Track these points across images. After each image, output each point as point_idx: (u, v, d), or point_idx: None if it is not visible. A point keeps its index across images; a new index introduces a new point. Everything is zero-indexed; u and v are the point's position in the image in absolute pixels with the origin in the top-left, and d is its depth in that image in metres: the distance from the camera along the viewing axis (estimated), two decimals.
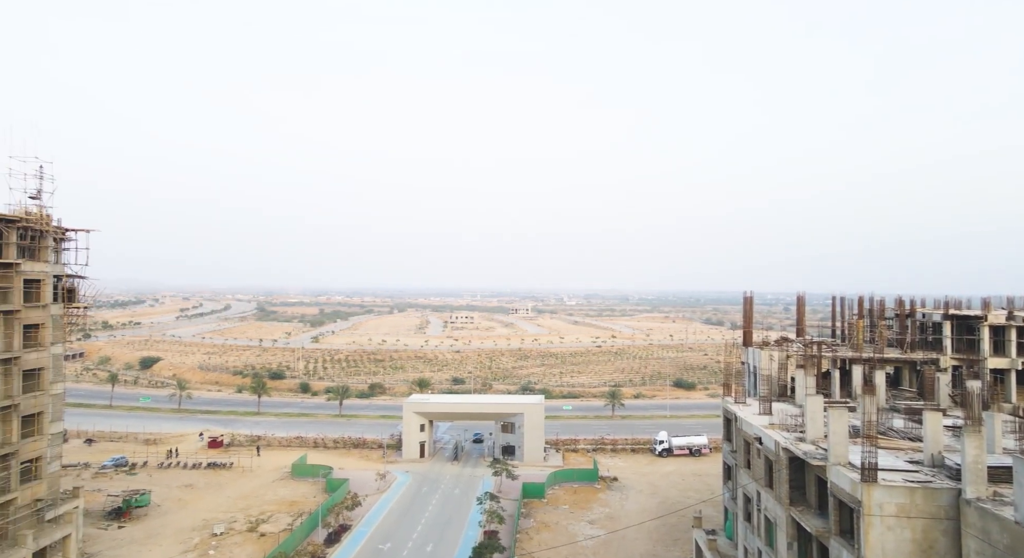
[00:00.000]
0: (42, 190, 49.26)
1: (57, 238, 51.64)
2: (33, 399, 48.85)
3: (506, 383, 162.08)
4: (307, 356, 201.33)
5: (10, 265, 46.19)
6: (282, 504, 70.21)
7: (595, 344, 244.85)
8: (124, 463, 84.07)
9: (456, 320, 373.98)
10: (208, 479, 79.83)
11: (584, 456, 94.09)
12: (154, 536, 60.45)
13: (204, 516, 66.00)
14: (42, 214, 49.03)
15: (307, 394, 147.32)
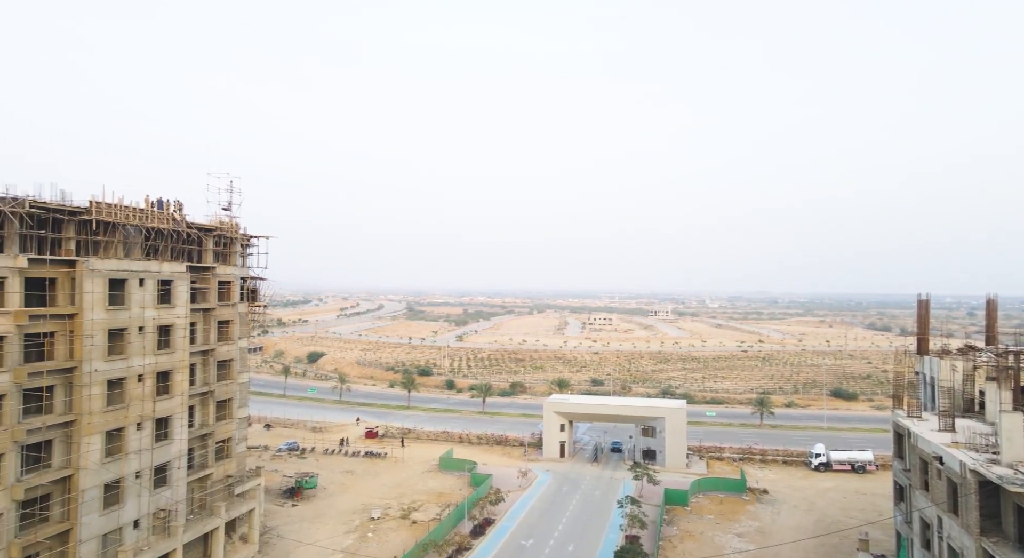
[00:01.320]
0: (232, 202, 56.16)
1: (243, 244, 58.54)
2: (225, 387, 55.75)
3: (645, 386, 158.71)
4: (452, 354, 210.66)
5: (208, 268, 53.11)
6: (431, 495, 74.11)
7: (740, 348, 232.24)
8: (296, 448, 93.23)
9: (594, 321, 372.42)
10: (366, 467, 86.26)
11: (729, 465, 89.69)
12: (321, 516, 66.45)
13: (363, 501, 71.43)
14: (232, 223, 55.88)
15: (452, 391, 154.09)
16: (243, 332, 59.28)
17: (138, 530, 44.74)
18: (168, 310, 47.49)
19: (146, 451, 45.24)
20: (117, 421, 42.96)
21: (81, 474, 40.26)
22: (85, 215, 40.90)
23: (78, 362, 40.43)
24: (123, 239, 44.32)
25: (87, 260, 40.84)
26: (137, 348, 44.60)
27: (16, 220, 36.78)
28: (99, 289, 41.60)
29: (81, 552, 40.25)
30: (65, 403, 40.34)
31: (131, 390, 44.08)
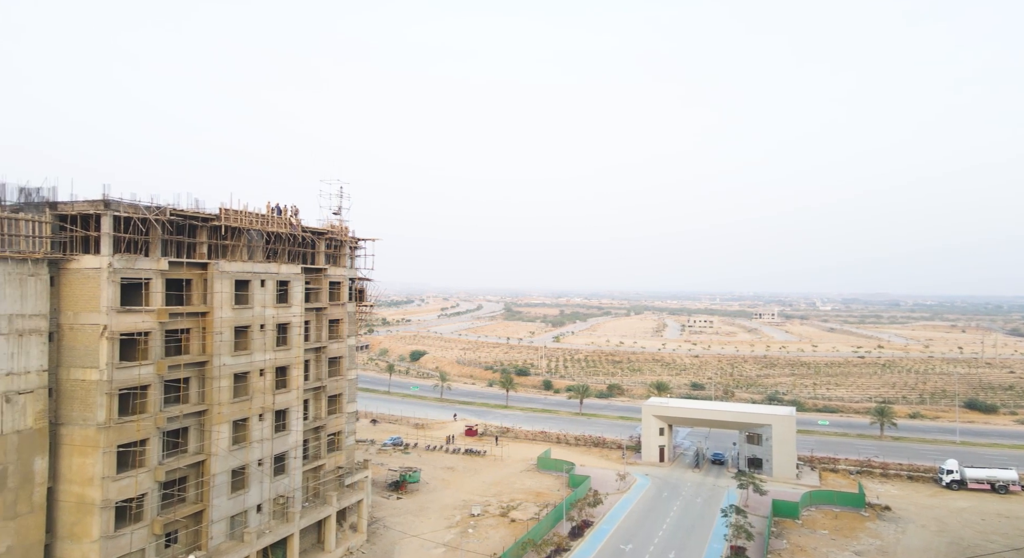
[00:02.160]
0: (342, 207, 59.26)
1: (352, 246, 61.57)
2: (335, 382, 58.85)
3: (750, 391, 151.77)
4: (549, 355, 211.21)
5: (320, 270, 56.31)
6: (529, 494, 74.61)
7: (856, 354, 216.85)
8: (400, 443, 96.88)
9: (694, 324, 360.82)
10: (466, 464, 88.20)
11: (845, 478, 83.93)
12: (424, 509, 68.65)
13: (463, 497, 73.08)
14: (342, 227, 58.95)
15: (549, 391, 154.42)
16: (352, 330, 62.32)
17: (260, 514, 48.15)
18: (285, 309, 50.78)
19: (267, 441, 48.60)
20: (242, 412, 46.45)
21: (212, 460, 43.87)
22: (216, 221, 44.57)
23: (209, 356, 44.09)
24: (247, 243, 47.87)
25: (217, 262, 44.47)
26: (259, 344, 48.01)
27: (159, 227, 40.69)
28: (227, 289, 45.18)
29: (212, 531, 43.86)
30: (199, 394, 44.10)
31: (254, 383, 47.52)
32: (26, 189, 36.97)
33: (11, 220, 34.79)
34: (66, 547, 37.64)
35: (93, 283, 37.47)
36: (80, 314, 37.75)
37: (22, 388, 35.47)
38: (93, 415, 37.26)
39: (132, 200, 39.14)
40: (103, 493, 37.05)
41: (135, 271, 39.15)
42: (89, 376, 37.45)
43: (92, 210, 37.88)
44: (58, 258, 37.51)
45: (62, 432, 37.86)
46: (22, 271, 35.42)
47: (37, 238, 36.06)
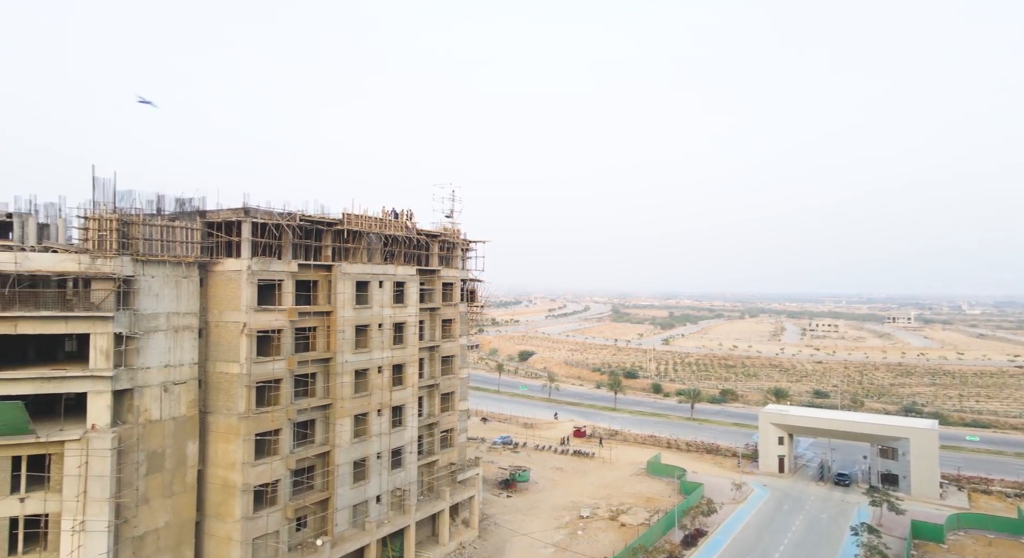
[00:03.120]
0: (454, 210, 61.00)
1: (463, 248, 63.19)
2: (448, 380, 60.62)
3: (882, 401, 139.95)
4: (658, 357, 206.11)
5: (433, 271, 58.26)
6: (639, 498, 73.11)
7: (1013, 363, 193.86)
8: (509, 442, 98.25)
9: (816, 328, 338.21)
10: (574, 465, 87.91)
11: (1001, 501, 75.24)
12: (533, 509, 69.15)
13: (572, 498, 72.87)
14: (454, 229, 60.68)
15: (659, 394, 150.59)
16: (463, 330, 63.94)
17: (380, 505, 50.54)
18: (401, 309, 52.99)
19: (385, 435, 50.93)
20: (362, 407, 48.98)
21: (336, 451, 46.61)
22: (339, 225, 47.36)
23: (333, 353, 46.89)
24: (367, 246, 50.45)
25: (340, 264, 47.24)
26: (377, 342, 50.43)
27: (290, 231, 43.85)
28: (348, 290, 47.86)
29: (337, 519, 46.60)
30: (324, 389, 47.01)
31: (373, 380, 49.97)
32: (181, 199, 41.13)
33: (169, 227, 38.81)
34: (213, 525, 41.41)
35: (235, 284, 41.00)
36: (224, 312, 41.45)
37: (177, 379, 39.45)
38: (235, 405, 40.75)
39: (267, 207, 42.44)
40: (243, 477, 40.41)
41: (270, 273, 42.41)
42: (231, 369, 41.00)
43: (234, 217, 41.47)
44: (206, 261, 41.40)
45: (209, 420, 41.71)
46: (177, 274, 39.43)
47: (189, 243, 39.98)
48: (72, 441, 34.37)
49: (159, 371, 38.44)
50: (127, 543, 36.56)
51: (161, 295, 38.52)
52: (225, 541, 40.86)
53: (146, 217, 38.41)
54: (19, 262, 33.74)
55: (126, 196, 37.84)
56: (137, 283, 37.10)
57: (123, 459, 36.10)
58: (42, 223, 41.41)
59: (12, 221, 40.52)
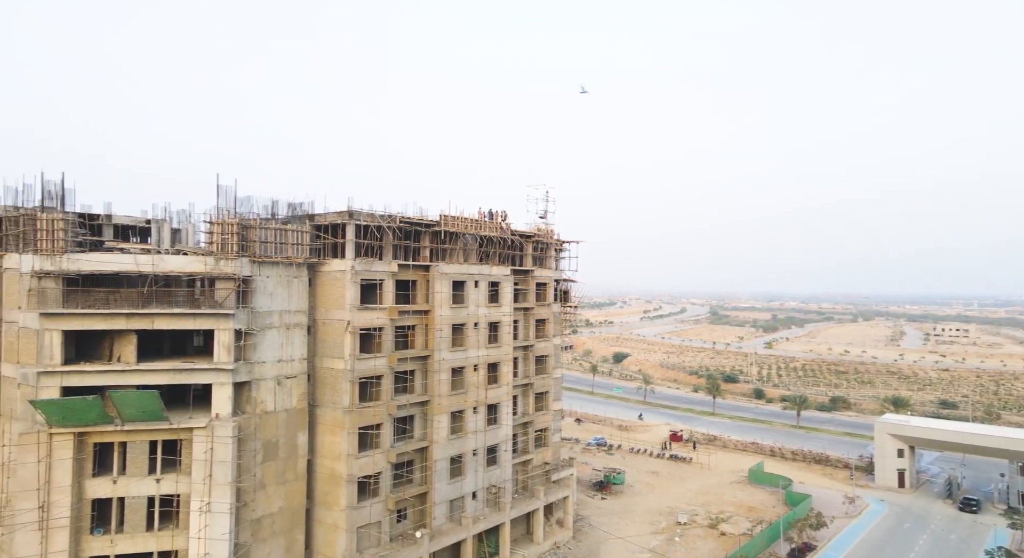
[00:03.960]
0: (548, 211, 61.16)
1: (557, 249, 63.22)
2: (542, 380, 60.81)
3: (1022, 414, 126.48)
4: (760, 361, 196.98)
5: (527, 271, 58.66)
6: (740, 507, 70.12)
7: None
8: (603, 443, 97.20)
9: (942, 332, 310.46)
10: (670, 469, 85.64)
11: None
12: (629, 512, 67.99)
13: (669, 503, 71.01)
14: (548, 230, 60.84)
15: (761, 400, 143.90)
16: (557, 330, 63.93)
17: (475, 501, 51.48)
18: (496, 308, 53.72)
19: (480, 432, 51.83)
20: (459, 404, 50.10)
21: (434, 447, 47.95)
22: (436, 227, 48.74)
23: (431, 351, 48.28)
24: (462, 246, 51.58)
25: (437, 265, 48.58)
26: (473, 341, 51.40)
27: (391, 233, 45.64)
28: (445, 289, 49.12)
29: (435, 513, 47.93)
30: (422, 386, 48.51)
31: (469, 378, 50.98)
32: (292, 204, 43.85)
33: (281, 230, 41.49)
34: (321, 512, 43.78)
35: (340, 284, 43.17)
36: (330, 311, 43.74)
37: (289, 373, 42.05)
38: (340, 399, 42.88)
39: (370, 210, 44.38)
40: (348, 468, 42.44)
41: (371, 273, 44.31)
42: (337, 365, 43.18)
43: (339, 220, 43.69)
44: (314, 262, 43.88)
45: (317, 413, 44.15)
46: (289, 274, 42.05)
47: (299, 246, 42.54)
48: (199, 428, 37.42)
49: (273, 365, 41.11)
50: (246, 525, 39.34)
51: (275, 294, 41.20)
52: (332, 528, 43.07)
53: (262, 221, 41.25)
54: (156, 263, 37.22)
55: (245, 202, 40.86)
56: (254, 283, 39.90)
57: (242, 447, 38.89)
58: (175, 228, 45.45)
59: (151, 227, 44.76)
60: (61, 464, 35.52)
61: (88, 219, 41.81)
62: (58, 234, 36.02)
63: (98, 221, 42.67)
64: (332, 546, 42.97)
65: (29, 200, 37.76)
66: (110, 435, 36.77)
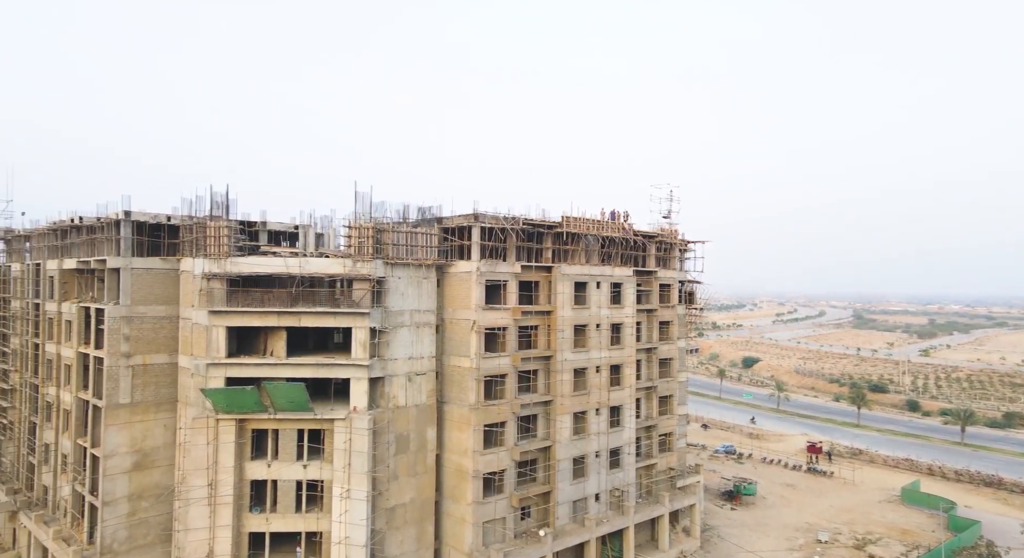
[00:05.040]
0: (671, 210, 59.53)
1: (681, 249, 61.33)
2: (666, 383, 59.19)
3: None
4: (914, 370, 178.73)
5: (650, 272, 57.39)
6: (892, 529, 64.04)
7: None
8: (732, 451, 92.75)
9: None
10: (808, 483, 80.00)
11: None
12: (762, 525, 64.36)
13: (807, 519, 66.37)
14: (672, 230, 59.20)
15: (915, 413, 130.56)
16: (681, 333, 61.98)
17: (598, 503, 51.10)
18: (618, 310, 53.05)
19: (603, 434, 51.38)
20: (581, 405, 50.01)
21: (557, 446, 48.21)
22: (558, 228, 49.04)
23: (553, 352, 48.60)
24: (584, 247, 51.48)
25: (559, 266, 48.85)
26: (595, 342, 51.10)
27: (514, 235, 46.56)
28: (567, 290, 49.26)
29: (558, 512, 48.17)
30: (545, 385, 48.94)
31: (591, 379, 50.74)
32: (421, 208, 46.07)
33: (412, 233, 43.71)
34: (449, 505, 45.51)
35: (466, 285, 44.67)
36: (456, 310, 45.37)
37: (418, 370, 44.15)
38: (466, 397, 44.33)
39: (494, 212, 45.55)
40: (474, 464, 43.75)
41: (496, 274, 45.41)
42: (463, 363, 44.69)
43: (465, 223, 45.24)
44: (442, 263, 45.76)
45: (444, 409, 45.94)
46: (419, 275, 44.19)
47: (428, 248, 44.57)
48: (339, 420, 40.27)
49: (404, 362, 43.34)
50: (381, 513, 41.77)
51: (406, 294, 43.44)
52: (460, 521, 44.61)
53: (394, 224, 43.68)
54: (302, 266, 40.60)
55: (379, 206, 43.46)
56: (387, 283, 42.33)
57: (377, 439, 41.34)
58: (318, 233, 49.28)
59: (298, 232, 48.90)
60: (225, 447, 39.67)
61: (247, 226, 46.37)
62: (223, 240, 40.33)
63: (255, 228, 47.20)
64: (459, 539, 44.50)
65: (200, 210, 42.58)
66: (265, 422, 40.53)
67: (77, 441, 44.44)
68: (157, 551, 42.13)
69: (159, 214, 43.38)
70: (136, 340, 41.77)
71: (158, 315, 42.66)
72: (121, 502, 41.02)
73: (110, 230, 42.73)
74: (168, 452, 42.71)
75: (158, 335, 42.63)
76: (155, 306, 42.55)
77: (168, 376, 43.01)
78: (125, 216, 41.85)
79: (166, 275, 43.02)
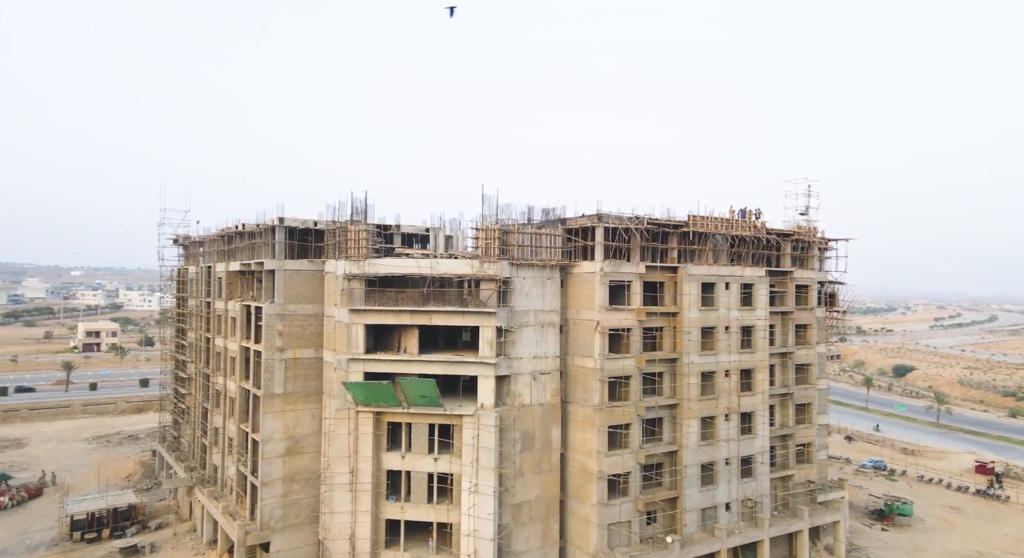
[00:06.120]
0: (809, 207, 55.82)
1: (821, 248, 57.30)
2: (803, 390, 55.53)
3: None
4: None
5: (785, 273, 54.15)
6: None
7: None
8: (882, 467, 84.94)
9: None
10: (977, 507, 71.41)
11: None
12: (919, 550, 58.40)
13: (976, 547, 59.32)
14: (809, 227, 55.51)
15: None
16: (821, 337, 57.92)
17: (729, 513, 48.97)
18: (749, 312, 50.57)
19: (733, 441, 49.18)
20: (709, 410, 48.22)
21: (683, 451, 46.83)
22: (684, 228, 47.70)
23: (679, 354, 47.29)
24: (712, 247, 49.64)
25: (685, 266, 47.49)
26: (724, 345, 49.08)
27: (638, 235, 45.92)
28: (694, 291, 47.73)
29: (686, 519, 46.75)
30: (670, 388, 47.74)
31: (719, 383, 48.79)
32: (545, 209, 46.75)
33: (536, 234, 44.47)
34: (574, 505, 45.68)
35: (589, 285, 44.69)
36: (580, 311, 45.50)
37: (543, 369, 44.76)
38: (590, 397, 44.30)
39: (617, 213, 45.21)
40: (599, 465, 43.60)
41: (619, 275, 45.02)
42: (587, 364, 44.72)
43: (589, 224, 45.29)
44: (565, 264, 46.11)
45: (568, 409, 46.20)
46: (543, 275, 44.84)
47: (552, 248, 45.11)
48: (468, 416, 41.80)
49: (529, 361, 44.13)
50: (508, 509, 42.80)
51: (530, 294, 44.23)
52: (584, 522, 44.63)
53: (519, 226, 44.65)
54: (432, 267, 42.67)
55: (505, 209, 44.67)
56: (512, 284, 43.35)
57: (503, 436, 42.43)
58: (447, 235, 51.48)
59: (429, 234, 51.39)
60: (364, 437, 42.56)
61: (382, 229, 49.45)
62: (362, 243, 43.34)
63: (389, 231, 50.22)
64: (584, 539, 44.51)
65: (342, 215, 46.03)
66: (399, 416, 43.00)
67: (240, 426, 49.58)
68: (307, 531, 45.96)
69: (307, 220, 47.43)
70: (287, 335, 45.92)
71: (306, 313, 46.61)
72: (276, 484, 45.23)
73: (267, 235, 47.32)
74: (315, 440, 46.50)
75: (306, 331, 46.56)
76: (303, 305, 46.53)
77: (314, 369, 46.84)
78: (279, 222, 46.17)
79: (312, 276, 46.90)
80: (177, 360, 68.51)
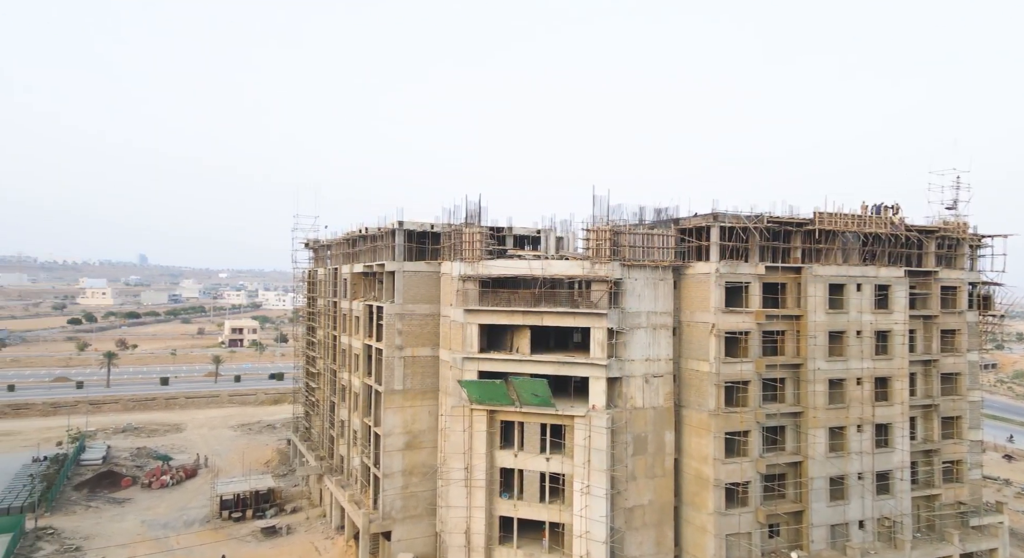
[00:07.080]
0: (958, 200, 50.66)
1: (972, 245, 51.83)
2: (951, 402, 50.42)
3: None
4: None
5: (928, 273, 49.46)
6: None
7: None
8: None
9: None
10: None
11: None
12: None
13: None
14: (958, 223, 50.37)
15: None
16: (972, 344, 52.31)
17: (863, 531, 45.40)
18: (885, 315, 46.67)
19: (866, 454, 45.56)
20: (838, 419, 44.97)
21: (809, 463, 44.01)
22: (809, 226, 44.90)
23: (803, 359, 44.52)
24: (841, 246, 46.33)
25: (810, 267, 44.65)
26: (855, 351, 45.62)
27: (757, 234, 43.81)
28: (820, 293, 44.76)
29: (812, 535, 43.89)
30: (793, 395, 45.06)
31: (850, 391, 45.38)
32: (658, 209, 45.82)
33: (648, 235, 43.67)
34: (689, 512, 44.31)
35: (704, 286, 43.21)
36: (694, 313, 44.09)
37: (655, 372, 43.83)
38: (705, 402, 42.80)
39: (735, 212, 43.40)
40: (715, 473, 42.01)
41: (736, 276, 43.16)
42: (701, 367, 43.25)
43: (703, 223, 43.82)
44: (679, 265, 44.89)
45: (682, 413, 44.89)
46: (655, 276, 43.93)
47: (665, 249, 44.09)
48: (579, 416, 41.78)
49: (641, 364, 43.37)
50: (620, 512, 42.29)
51: (642, 296, 43.48)
52: (700, 530, 43.16)
53: (631, 227, 44.05)
54: (544, 268, 43.09)
55: (616, 209, 44.25)
56: (624, 285, 42.83)
57: (615, 438, 41.98)
58: (558, 236, 51.76)
59: (540, 236, 51.96)
60: (479, 434, 43.72)
61: (495, 231, 50.61)
62: (476, 245, 44.61)
63: (502, 233, 51.28)
64: (701, 548, 43.04)
65: (456, 218, 47.63)
66: (512, 415, 43.76)
67: (363, 420, 52.61)
68: (424, 523, 47.92)
69: (424, 223, 49.53)
70: (406, 334, 48.16)
71: (423, 313, 48.65)
72: (397, 476, 47.55)
73: (387, 238, 49.95)
74: (432, 436, 48.40)
75: (423, 330, 48.60)
76: (421, 305, 48.60)
77: (431, 367, 48.77)
78: (399, 226, 48.58)
79: (429, 277, 48.88)
80: (307, 356, 73.89)
